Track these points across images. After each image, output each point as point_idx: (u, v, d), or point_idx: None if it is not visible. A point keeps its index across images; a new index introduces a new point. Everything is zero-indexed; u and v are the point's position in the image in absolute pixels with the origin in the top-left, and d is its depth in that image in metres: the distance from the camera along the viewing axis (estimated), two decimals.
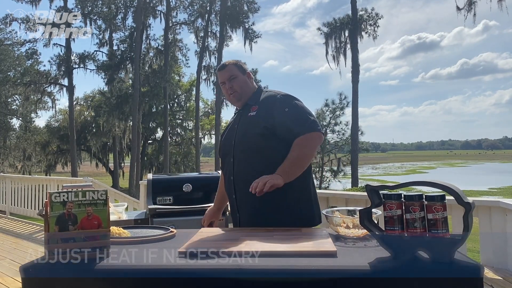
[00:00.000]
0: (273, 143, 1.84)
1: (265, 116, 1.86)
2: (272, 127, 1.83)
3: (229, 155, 1.96)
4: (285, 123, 1.82)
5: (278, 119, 1.84)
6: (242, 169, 1.89)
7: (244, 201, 1.89)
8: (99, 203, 1.32)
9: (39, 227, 6.39)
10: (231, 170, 1.94)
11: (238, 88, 2.00)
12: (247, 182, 1.76)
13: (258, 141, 1.85)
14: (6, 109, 22.53)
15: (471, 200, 1.18)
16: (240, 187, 1.90)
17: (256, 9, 26.01)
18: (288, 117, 1.83)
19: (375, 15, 23.25)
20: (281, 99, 1.92)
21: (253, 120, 1.90)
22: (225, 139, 2.04)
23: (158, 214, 2.79)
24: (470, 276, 1.12)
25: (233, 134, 1.97)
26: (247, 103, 2.00)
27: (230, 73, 2.01)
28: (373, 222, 1.35)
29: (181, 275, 1.17)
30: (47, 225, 1.27)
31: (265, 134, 1.83)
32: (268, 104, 1.91)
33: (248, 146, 1.88)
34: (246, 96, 2.01)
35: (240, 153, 1.90)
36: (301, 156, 1.79)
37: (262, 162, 1.83)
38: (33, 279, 1.22)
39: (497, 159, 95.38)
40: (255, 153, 1.86)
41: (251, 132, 1.88)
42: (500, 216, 3.50)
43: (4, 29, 21.74)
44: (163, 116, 26.53)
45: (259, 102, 1.95)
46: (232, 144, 1.94)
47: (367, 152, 32.17)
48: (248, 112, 1.96)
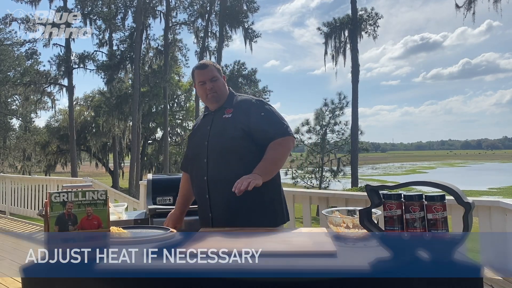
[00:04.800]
0: (249, 145, 1.91)
1: (241, 119, 1.94)
2: (248, 129, 1.91)
3: (201, 156, 1.97)
4: (262, 126, 1.92)
5: (254, 122, 1.93)
6: (217, 169, 1.91)
7: (219, 201, 1.91)
8: (99, 203, 1.32)
9: (39, 227, 6.39)
10: (204, 170, 1.94)
11: (219, 89, 2.02)
12: (223, 182, 1.85)
13: (235, 143, 1.90)
14: (6, 109, 22.52)
15: (471, 200, 1.18)
16: (214, 187, 1.92)
17: (256, 9, 26.03)
18: (264, 121, 1.93)
19: (375, 15, 23.25)
20: (256, 104, 2.02)
21: (229, 122, 1.95)
22: (196, 140, 2.05)
23: (158, 214, 2.79)
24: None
25: (206, 135, 1.99)
26: (222, 105, 2.03)
27: (212, 73, 2.02)
28: (373, 222, 1.35)
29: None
30: (47, 225, 1.27)
31: (242, 136, 1.90)
32: (243, 108, 1.99)
33: (224, 147, 1.91)
34: (223, 99, 2.04)
35: (216, 154, 1.93)
36: (278, 156, 1.89)
37: (239, 163, 1.89)
38: (33, 279, 1.22)
39: (497, 159, 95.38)
40: (232, 154, 1.90)
41: (228, 134, 1.91)
42: (500, 216, 3.49)
43: (4, 29, 21.75)
44: (163, 116, 26.53)
45: (234, 105, 2.02)
46: (205, 145, 1.96)
47: (367, 152, 32.18)
48: (222, 114, 2.00)
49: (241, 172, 1.80)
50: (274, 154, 1.87)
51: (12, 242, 5.44)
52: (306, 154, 22.01)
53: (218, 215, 1.92)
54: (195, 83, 2.07)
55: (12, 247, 5.13)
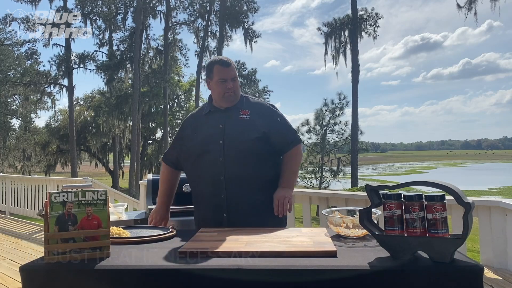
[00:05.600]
0: (267, 147, 1.95)
1: (260, 122, 1.96)
2: (267, 133, 1.94)
3: (214, 154, 1.93)
4: (280, 131, 2.01)
5: (273, 126, 1.98)
6: (236, 169, 1.90)
7: (235, 202, 1.90)
8: (99, 203, 1.32)
9: (39, 227, 6.38)
10: (220, 169, 1.91)
11: (237, 90, 2.01)
12: (242, 182, 1.89)
13: (255, 144, 1.91)
14: (6, 109, 22.50)
15: (471, 200, 1.18)
16: (232, 187, 1.90)
17: (256, 9, 26.02)
18: (282, 126, 2.03)
19: (375, 15, 23.24)
20: (272, 108, 2.07)
21: (248, 124, 1.95)
22: (204, 137, 1.99)
23: None
24: (470, 276, 1.12)
25: (220, 134, 1.95)
26: (236, 106, 2.01)
27: (234, 72, 2.00)
28: (373, 222, 1.35)
29: (181, 275, 1.17)
30: (47, 225, 1.27)
31: (262, 138, 1.93)
32: (260, 111, 2.01)
33: (245, 147, 1.91)
34: (238, 100, 2.03)
35: (234, 154, 1.91)
36: (298, 166, 2.08)
37: (257, 163, 1.92)
38: (33, 279, 1.22)
39: (497, 159, 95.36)
40: (251, 155, 1.91)
41: (249, 135, 1.92)
42: (500, 216, 3.50)
43: (4, 29, 21.74)
44: (163, 116, 26.52)
45: (249, 107, 2.01)
46: (220, 144, 1.93)
47: (367, 152, 32.19)
48: (237, 114, 1.98)
49: (259, 172, 1.91)
50: (295, 165, 2.04)
51: (12, 242, 5.44)
52: (306, 154, 22.00)
53: (235, 215, 1.90)
54: (213, 78, 2.01)
55: (12, 247, 5.13)
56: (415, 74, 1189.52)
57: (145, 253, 1.35)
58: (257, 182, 1.92)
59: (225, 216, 1.91)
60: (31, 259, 1.36)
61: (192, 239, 1.49)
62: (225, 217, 1.91)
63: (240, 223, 1.83)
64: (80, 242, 1.28)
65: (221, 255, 1.28)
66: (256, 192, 1.91)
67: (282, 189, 1.93)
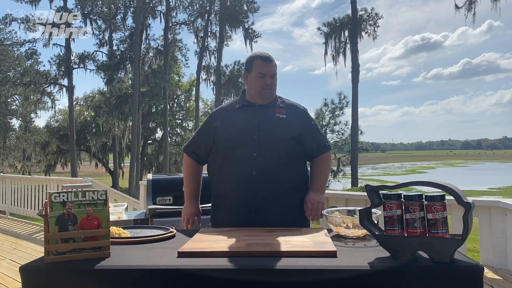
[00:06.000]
0: (300, 149, 1.98)
1: (296, 123, 1.97)
2: (301, 134, 1.96)
3: (247, 148, 1.89)
4: (315, 135, 2.03)
5: (308, 129, 2.01)
6: (270, 166, 1.87)
7: (265, 199, 1.86)
8: (99, 203, 1.32)
9: (39, 227, 6.38)
10: (254, 165, 1.87)
11: (274, 88, 2.00)
12: (273, 180, 1.87)
13: (291, 143, 1.92)
14: (6, 109, 22.49)
15: (471, 200, 1.18)
16: (263, 184, 1.86)
17: (256, 9, 26.02)
18: (315, 130, 2.06)
19: (375, 15, 23.24)
20: (306, 112, 2.09)
21: (284, 123, 1.94)
22: (241, 131, 1.93)
23: (158, 214, 2.79)
24: (470, 276, 1.12)
25: (255, 129, 1.91)
26: (271, 103, 2.00)
27: (274, 69, 1.98)
28: (373, 222, 1.35)
29: (181, 275, 1.17)
30: (47, 225, 1.27)
31: (297, 138, 1.94)
32: (296, 112, 2.02)
33: (280, 145, 1.90)
34: (273, 97, 2.02)
35: (269, 151, 1.88)
36: (329, 172, 2.14)
37: (289, 162, 1.92)
38: (33, 279, 1.22)
39: (497, 159, 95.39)
40: (286, 154, 1.91)
41: (286, 134, 1.92)
42: (500, 216, 3.50)
43: (4, 29, 21.74)
44: (162, 116, 26.52)
45: (285, 107, 2.01)
46: (255, 139, 1.89)
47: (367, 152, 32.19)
48: (273, 112, 1.97)
49: (291, 171, 1.92)
50: (327, 170, 2.07)
51: (12, 242, 5.44)
52: None
53: (260, 213, 1.85)
54: (251, 72, 1.97)
55: (12, 247, 5.12)
56: (415, 74, 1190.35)
57: (145, 253, 1.35)
58: (288, 182, 1.91)
59: (250, 212, 1.86)
60: (31, 259, 1.36)
61: (192, 239, 1.49)
62: (250, 213, 1.86)
63: (264, 222, 1.80)
64: (80, 242, 1.28)
65: (221, 255, 1.28)
66: (287, 191, 1.90)
67: (315, 193, 1.94)
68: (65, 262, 1.25)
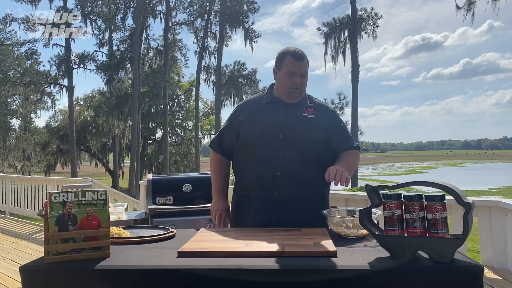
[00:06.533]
0: (328, 151, 1.90)
1: (325, 123, 1.89)
2: (330, 136, 1.88)
3: (274, 147, 1.83)
4: (343, 136, 1.95)
5: (337, 130, 1.93)
6: (294, 167, 1.81)
7: (287, 201, 1.80)
8: (99, 203, 1.32)
9: (39, 227, 6.38)
10: (278, 165, 1.81)
11: (303, 88, 1.90)
12: (297, 182, 1.81)
13: (318, 144, 1.85)
14: (6, 109, 22.49)
15: (471, 200, 1.18)
16: (286, 185, 1.81)
17: (256, 9, 26.03)
18: (345, 132, 1.98)
19: (374, 15, 23.26)
20: (335, 112, 2.02)
21: (312, 123, 1.87)
22: (267, 127, 1.86)
23: (158, 214, 2.80)
24: (470, 276, 1.12)
25: (280, 127, 1.84)
26: (299, 102, 1.92)
27: (305, 69, 1.88)
28: (373, 222, 1.35)
29: (181, 275, 1.17)
30: (47, 225, 1.27)
31: (324, 139, 1.87)
32: (325, 112, 1.95)
33: (307, 147, 1.83)
34: (302, 97, 1.94)
35: (294, 151, 1.82)
36: (355, 164, 1.95)
37: (315, 164, 1.84)
38: (33, 279, 1.22)
39: (497, 159, 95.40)
40: (312, 155, 1.84)
41: (313, 135, 1.85)
42: (500, 216, 3.50)
43: (4, 29, 21.74)
44: (162, 116, 26.53)
45: (314, 107, 1.94)
46: (280, 138, 1.83)
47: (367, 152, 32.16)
48: (301, 111, 1.89)
49: (316, 174, 1.80)
50: (355, 160, 1.93)
51: (12, 242, 5.44)
52: None
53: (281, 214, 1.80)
54: (281, 69, 1.88)
55: (12, 247, 5.12)
56: (415, 74, 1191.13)
57: (145, 253, 1.35)
58: (312, 185, 1.84)
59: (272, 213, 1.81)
60: (31, 259, 1.36)
61: (192, 239, 1.49)
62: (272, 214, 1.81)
63: (285, 223, 1.74)
64: (80, 242, 1.28)
65: (221, 255, 1.28)
66: (310, 193, 1.84)
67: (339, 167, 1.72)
68: (65, 262, 1.25)
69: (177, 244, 1.43)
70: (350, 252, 1.31)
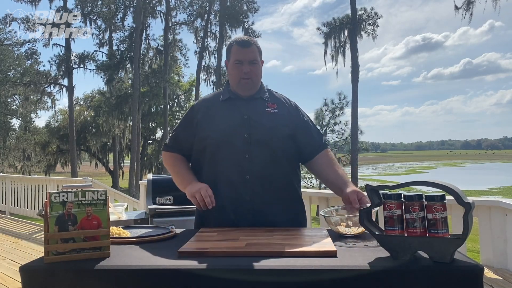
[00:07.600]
0: (295, 148, 1.80)
1: (289, 118, 1.79)
2: (295, 131, 1.78)
3: (240, 149, 1.69)
4: (309, 132, 1.84)
5: (301, 125, 1.83)
6: (264, 169, 1.69)
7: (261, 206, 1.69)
8: (98, 203, 1.32)
9: (39, 227, 6.39)
10: (246, 168, 1.68)
11: (254, 76, 1.75)
12: (267, 184, 1.70)
13: (286, 141, 1.74)
14: (6, 109, 22.50)
15: (471, 200, 1.18)
16: (257, 189, 1.69)
17: (256, 9, 26.02)
18: (310, 126, 1.87)
19: (374, 15, 23.23)
20: (297, 106, 1.90)
21: (277, 119, 1.75)
22: (229, 127, 1.72)
23: (158, 214, 2.80)
24: (470, 276, 1.12)
25: (245, 126, 1.71)
26: (260, 96, 1.79)
27: (253, 55, 1.73)
28: (373, 222, 1.35)
29: (181, 275, 1.17)
30: (47, 225, 1.27)
31: (291, 135, 1.77)
32: (287, 106, 1.83)
33: (275, 145, 1.71)
34: (256, 88, 1.79)
35: (262, 151, 1.69)
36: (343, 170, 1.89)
37: (284, 162, 1.75)
38: (33, 279, 1.22)
39: (497, 159, 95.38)
40: (280, 153, 1.73)
41: (281, 132, 1.73)
42: (500, 216, 3.50)
43: (4, 29, 21.75)
44: (162, 116, 26.53)
45: (275, 101, 1.82)
46: (245, 138, 1.69)
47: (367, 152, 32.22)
48: (263, 107, 1.77)
49: (286, 174, 1.75)
50: (338, 164, 1.87)
51: (12, 242, 5.44)
52: None
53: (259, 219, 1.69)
54: (229, 59, 1.77)
55: (12, 247, 5.12)
56: (416, 74, 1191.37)
57: (145, 253, 1.35)
58: (285, 185, 1.76)
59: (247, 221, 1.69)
60: (31, 259, 1.36)
61: (192, 239, 1.49)
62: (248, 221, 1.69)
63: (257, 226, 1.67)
64: (80, 242, 1.28)
65: (220, 255, 1.28)
66: (284, 195, 1.76)
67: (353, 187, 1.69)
68: (65, 262, 1.25)
69: (177, 244, 1.42)
70: (350, 252, 1.31)
